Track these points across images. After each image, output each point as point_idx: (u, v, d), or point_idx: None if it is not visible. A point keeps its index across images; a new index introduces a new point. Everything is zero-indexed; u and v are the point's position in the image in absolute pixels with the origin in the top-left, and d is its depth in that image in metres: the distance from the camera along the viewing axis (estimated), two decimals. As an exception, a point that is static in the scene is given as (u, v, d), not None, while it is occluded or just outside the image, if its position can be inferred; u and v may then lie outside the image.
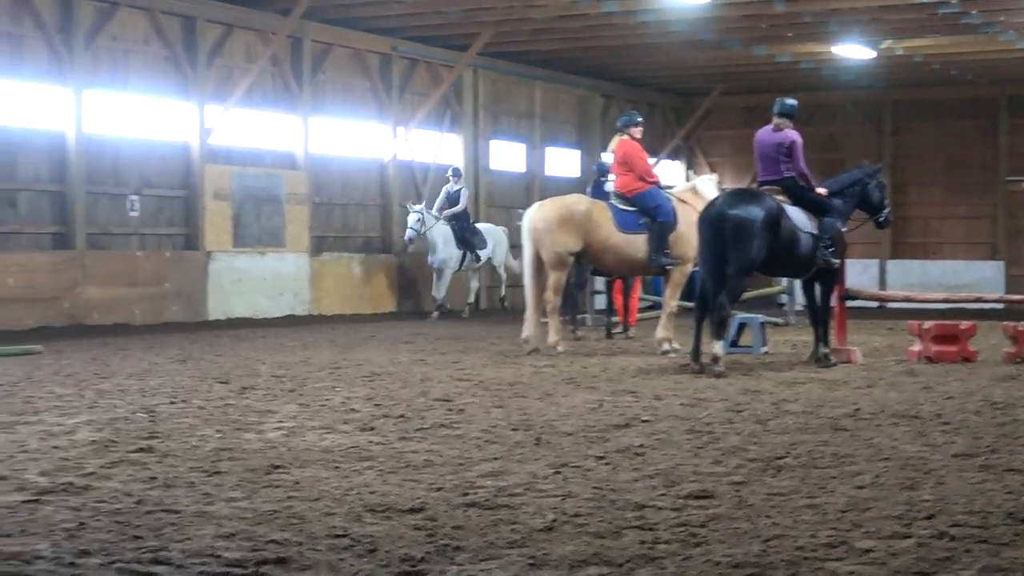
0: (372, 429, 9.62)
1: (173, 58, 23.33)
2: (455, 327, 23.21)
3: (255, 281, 24.67)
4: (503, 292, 28.69)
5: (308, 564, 5.52)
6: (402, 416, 10.32)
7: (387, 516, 6.47)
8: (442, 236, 26.34)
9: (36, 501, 6.88)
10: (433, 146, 29.93)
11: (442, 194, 27.05)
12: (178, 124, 23.66)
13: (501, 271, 28.11)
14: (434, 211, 26.43)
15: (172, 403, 11.12)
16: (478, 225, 27.64)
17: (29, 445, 8.78)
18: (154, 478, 7.55)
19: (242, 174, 24.64)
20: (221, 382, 12.89)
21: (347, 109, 27.46)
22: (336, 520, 6.37)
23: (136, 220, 22.94)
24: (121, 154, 22.59)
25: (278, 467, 7.92)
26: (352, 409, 10.79)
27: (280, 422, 9.99)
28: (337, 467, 7.94)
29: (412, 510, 6.59)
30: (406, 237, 26.37)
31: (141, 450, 8.56)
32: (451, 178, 26.91)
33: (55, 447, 8.71)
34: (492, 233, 27.58)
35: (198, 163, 23.69)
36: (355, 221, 27.98)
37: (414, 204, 26.53)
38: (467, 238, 26.71)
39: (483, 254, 27.16)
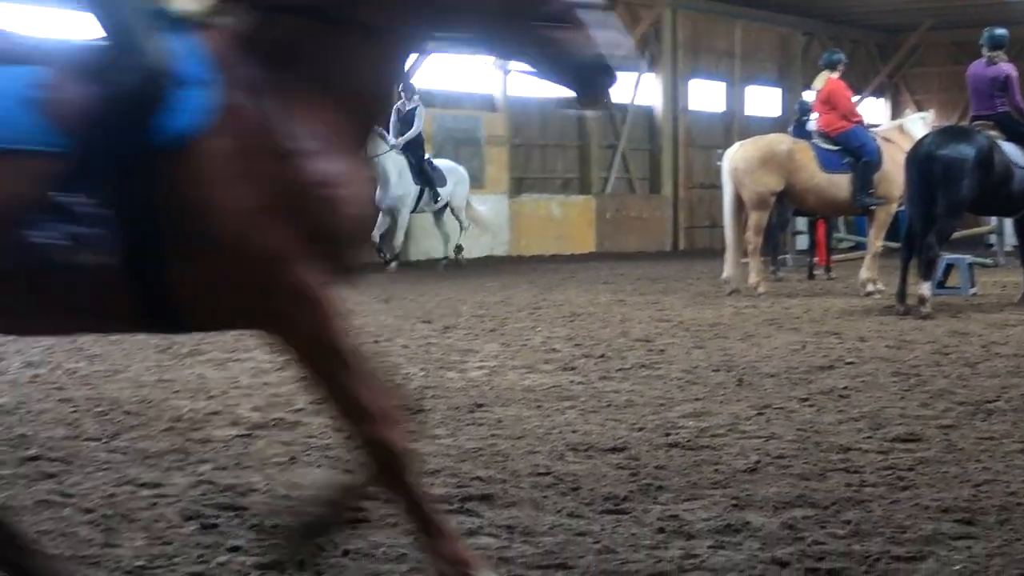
0: (573, 369, 9.66)
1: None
2: (654, 268, 23.11)
3: (457, 222, 24.90)
4: (459, 241, 23.30)
5: (512, 501, 5.58)
6: (603, 356, 10.34)
7: (589, 455, 6.50)
8: (396, 167, 21.27)
9: (249, 435, 7.09)
10: (631, 86, 29.76)
11: (392, 116, 20.72)
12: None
13: (461, 216, 23.06)
14: (390, 139, 21.01)
15: (376, 342, 11.33)
16: (435, 161, 22.71)
17: (242, 381, 9.04)
18: (361, 414, 7.70)
19: (442, 116, 24.87)
20: (424, 321, 13.07)
21: (546, 50, 27.45)
22: (539, 458, 6.42)
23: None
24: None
25: (481, 406, 8.01)
26: (553, 349, 10.85)
27: (482, 361, 10.10)
28: (539, 406, 8.00)
29: (614, 449, 6.61)
30: None
31: (348, 387, 8.72)
32: (402, 95, 21.55)
33: (266, 383, 8.95)
34: (451, 172, 22.79)
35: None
36: (553, 162, 28.05)
37: None
38: (425, 171, 21.91)
39: (443, 194, 22.46)
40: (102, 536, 5.06)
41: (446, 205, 22.57)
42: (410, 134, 21.47)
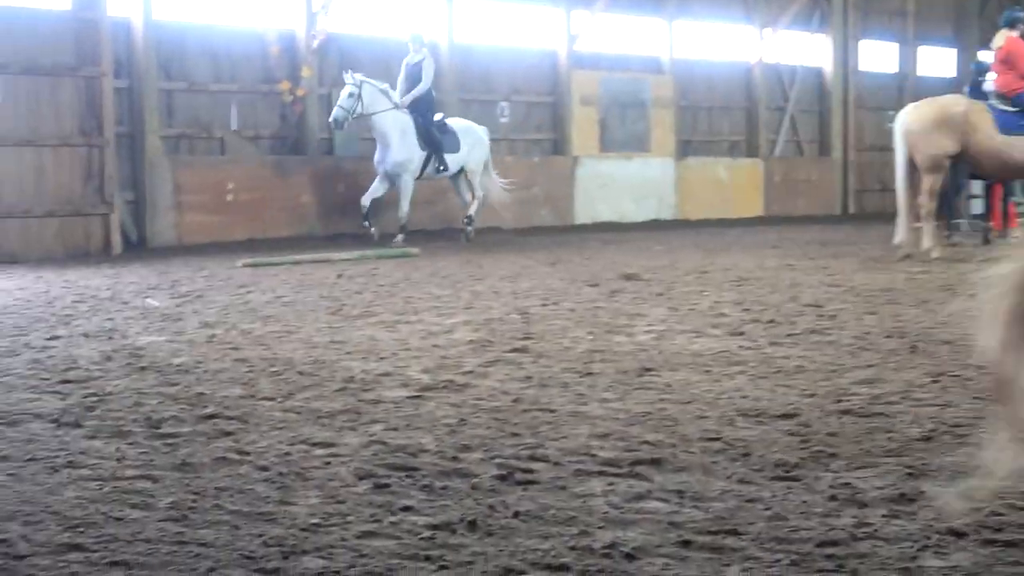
0: (742, 334, 9.56)
1: (541, -35, 23.57)
2: (824, 232, 22.77)
3: (621, 186, 24.86)
4: (471, 213, 20.59)
5: (682, 466, 5.55)
6: (772, 321, 10.22)
7: (759, 421, 6.44)
8: (399, 128, 19.03)
9: (419, 397, 7.16)
10: (800, 47, 29.29)
11: (402, 71, 19.63)
12: (546, 31, 23.95)
13: (475, 184, 20.46)
14: (395, 96, 19.18)
15: (544, 305, 11.36)
16: (448, 121, 19.95)
17: (411, 343, 9.14)
18: (529, 377, 7.74)
19: (608, 79, 24.78)
20: (591, 285, 13.07)
21: (713, 11, 27.16)
22: (708, 423, 6.38)
23: (506, 126, 23.43)
24: (491, 62, 23.07)
25: (649, 369, 7.98)
26: (721, 313, 10.76)
27: (650, 325, 10.06)
28: (708, 371, 7.94)
29: (785, 415, 6.53)
30: (330, 119, 18.94)
31: (516, 350, 8.78)
32: (410, 46, 19.60)
33: (435, 345, 9.03)
34: (468, 133, 20.11)
35: (565, 69, 23.96)
36: (720, 125, 27.77)
37: (353, 74, 18.94)
38: (433, 135, 19.35)
39: (453, 160, 19.79)
40: (277, 493, 5.16)
41: (460, 171, 20.07)
42: (417, 91, 19.20)
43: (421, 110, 19.19)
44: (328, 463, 5.65)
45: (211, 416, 6.62)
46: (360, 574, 4.19)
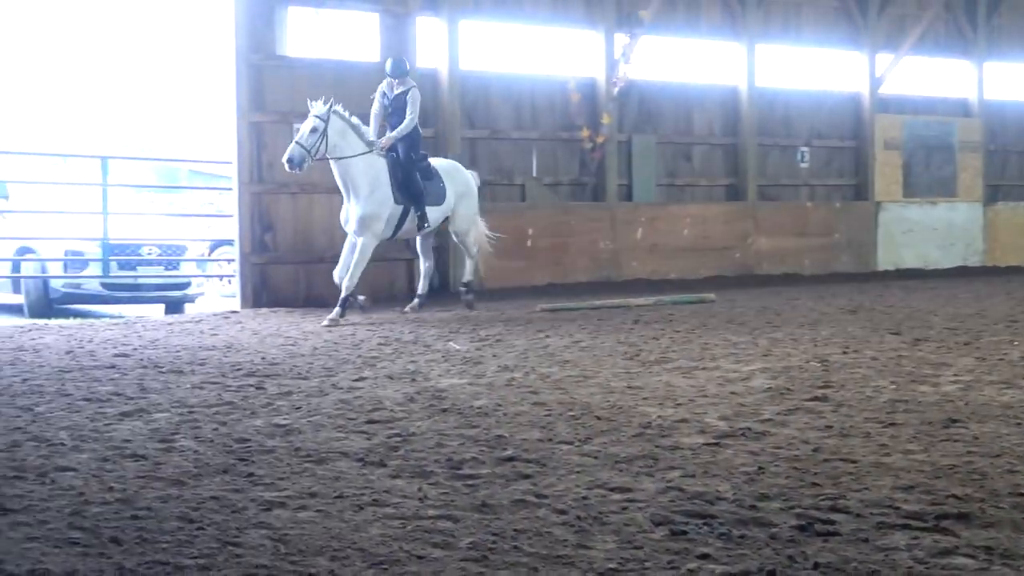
0: (1055, 386, 9.15)
1: (844, 9, 23.28)
2: None
3: (925, 231, 24.21)
4: (467, 277, 16.32)
5: (991, 521, 5.34)
6: (1088, 373, 9.75)
7: (1075, 477, 6.14)
8: (370, 176, 14.68)
9: (717, 444, 7.10)
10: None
11: (376, 102, 15.31)
12: (848, 74, 23.59)
13: (468, 242, 16.13)
14: (369, 134, 14.87)
15: (844, 353, 11.12)
16: (433, 162, 15.79)
17: (708, 390, 9.08)
18: (830, 427, 7.59)
19: (913, 123, 24.21)
20: (893, 333, 12.74)
21: (1025, 51, 26.22)
22: (1019, 478, 6.12)
23: (806, 171, 23.13)
24: (791, 106, 22.85)
25: (956, 421, 7.72)
26: (1032, 364, 10.33)
27: (956, 375, 9.73)
28: (1019, 423, 7.62)
29: (1103, 472, 6.21)
30: (284, 159, 14.25)
31: (816, 398, 8.62)
32: (390, 78, 15.25)
33: (732, 392, 8.95)
34: (453, 176, 15.77)
35: (868, 113, 23.53)
36: (1032, 169, 26.75)
37: (322, 102, 14.58)
38: (414, 182, 15.02)
39: (435, 214, 15.35)
40: (575, 537, 5.19)
41: (436, 223, 15.58)
42: (401, 129, 14.92)
43: (402, 150, 14.99)
44: (625, 508, 5.65)
45: (510, 459, 6.71)
46: (657, 621, 4.17)
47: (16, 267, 17.17)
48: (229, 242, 17.49)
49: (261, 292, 16.58)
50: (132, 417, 7.96)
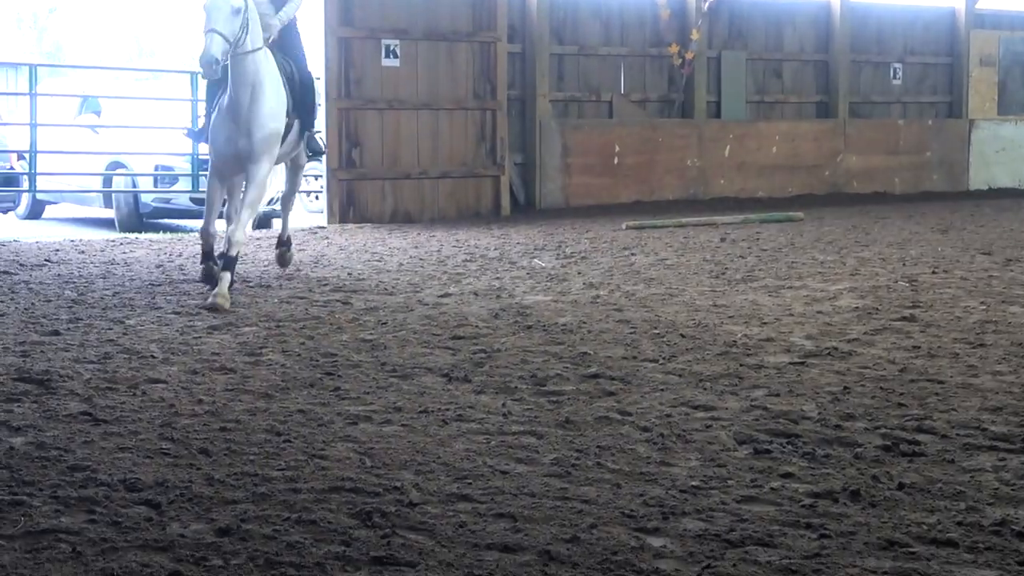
0: None
1: (940, -80, 22.78)
2: None
3: (1020, 150, 23.76)
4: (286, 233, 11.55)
5: (1080, 444, 5.29)
6: None
7: None
8: (273, 77, 10.21)
9: (802, 363, 7.07)
10: None
11: None
12: (943, -11, 23.11)
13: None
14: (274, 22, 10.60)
15: (934, 273, 11.00)
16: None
17: (794, 309, 9.03)
18: (917, 347, 7.52)
19: (1010, 39, 23.69)
20: (984, 253, 12.56)
21: None
22: (1111, 401, 6.04)
23: (898, 88, 22.75)
24: (884, 22, 22.43)
25: (1047, 343, 7.63)
26: None
27: (1048, 296, 9.60)
28: (1111, 346, 7.52)
29: None
30: (200, 58, 9.53)
31: (904, 319, 8.54)
32: None
33: (819, 312, 8.89)
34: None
35: (963, 29, 23.04)
36: None
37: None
38: (309, 91, 10.99)
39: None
40: (658, 455, 5.21)
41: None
42: (281, 18, 10.66)
43: (287, 47, 10.93)
44: (709, 426, 5.65)
45: (594, 376, 6.73)
46: (740, 538, 4.18)
47: (108, 182, 17.38)
48: (318, 158, 17.03)
49: (348, 208, 16.65)
50: (221, 331, 8.07)
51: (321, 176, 17.13)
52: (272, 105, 10.11)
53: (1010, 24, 23.88)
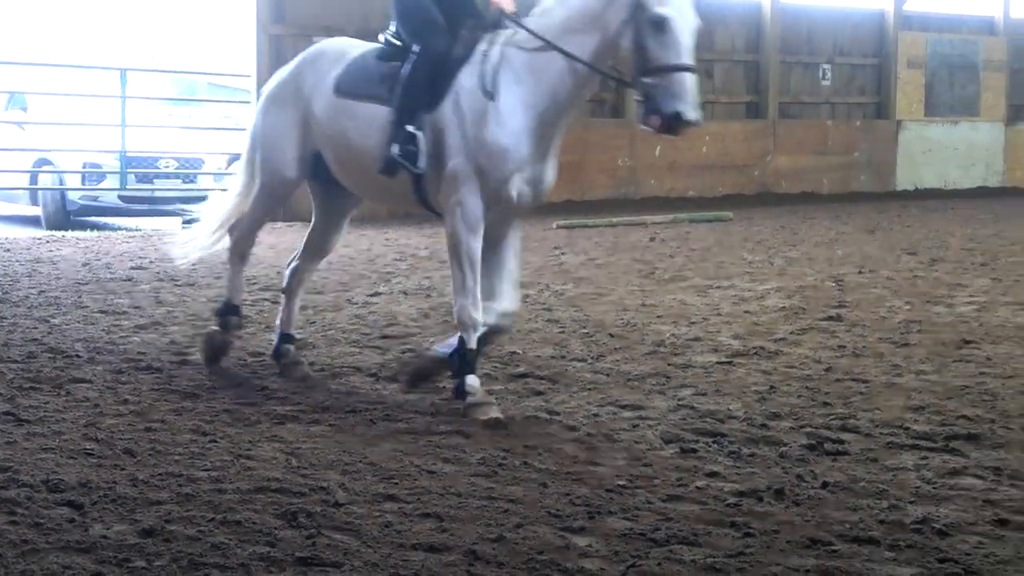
0: (1071, 308, 9.13)
1: (868, -77, 23.00)
2: None
3: (946, 151, 24.03)
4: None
5: (1000, 442, 5.37)
6: (1104, 295, 9.72)
7: (1087, 399, 6.15)
8: None
9: (729, 363, 7.12)
10: None
11: None
12: (872, -9, 23.34)
13: None
14: None
15: (860, 273, 11.10)
16: None
17: (722, 308, 9.09)
18: (843, 346, 7.60)
19: (937, 41, 23.96)
20: (910, 253, 12.70)
21: (1052, -32, 25.89)
22: (1030, 400, 6.13)
23: (827, 89, 22.94)
24: (815, 22, 22.61)
25: (969, 342, 7.72)
26: (1049, 286, 10.30)
27: (971, 296, 9.71)
28: (1032, 345, 7.63)
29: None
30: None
31: (830, 318, 8.62)
32: None
33: (746, 311, 8.95)
34: None
35: (892, 30, 23.28)
36: (1055, 88, 26.48)
37: None
38: None
39: None
40: (585, 454, 5.23)
41: None
42: None
43: None
44: (636, 426, 5.68)
45: (523, 375, 6.74)
46: (665, 537, 4.21)
47: (34, 179, 17.16)
48: None
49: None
50: (147, 330, 8.01)
51: (251, 174, 17.02)
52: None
53: (937, 26, 24.15)
